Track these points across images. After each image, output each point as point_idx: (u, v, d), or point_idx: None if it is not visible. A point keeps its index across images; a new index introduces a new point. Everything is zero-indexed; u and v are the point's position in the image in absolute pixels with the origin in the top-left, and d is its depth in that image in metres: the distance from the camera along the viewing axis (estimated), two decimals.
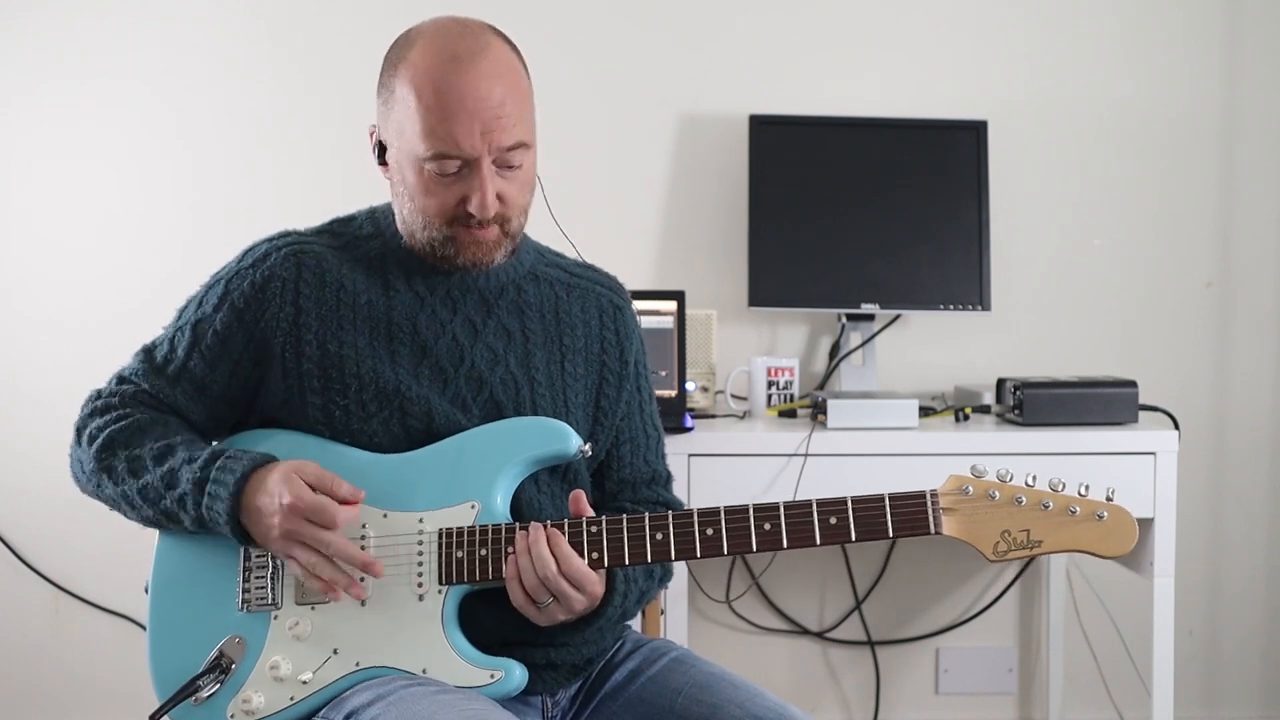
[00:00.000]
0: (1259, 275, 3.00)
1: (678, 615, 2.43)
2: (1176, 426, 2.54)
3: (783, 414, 2.68)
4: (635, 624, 2.29)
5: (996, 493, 1.44)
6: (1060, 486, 1.45)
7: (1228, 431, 3.01)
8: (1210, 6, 2.97)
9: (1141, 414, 2.54)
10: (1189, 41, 2.97)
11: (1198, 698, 3.03)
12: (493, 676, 1.48)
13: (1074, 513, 1.43)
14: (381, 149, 1.59)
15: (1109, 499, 1.45)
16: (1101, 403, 2.50)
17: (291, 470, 1.47)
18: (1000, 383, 2.65)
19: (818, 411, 2.56)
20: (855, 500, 1.46)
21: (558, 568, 1.45)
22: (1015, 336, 2.96)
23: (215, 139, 2.92)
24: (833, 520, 1.46)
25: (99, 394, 1.62)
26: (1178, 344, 2.99)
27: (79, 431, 1.59)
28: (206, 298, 1.60)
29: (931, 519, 1.45)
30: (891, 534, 1.45)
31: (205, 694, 1.49)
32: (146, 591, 1.58)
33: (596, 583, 1.48)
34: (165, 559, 1.58)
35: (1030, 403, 2.49)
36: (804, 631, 3.01)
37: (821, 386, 2.92)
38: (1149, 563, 2.41)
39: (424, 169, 1.52)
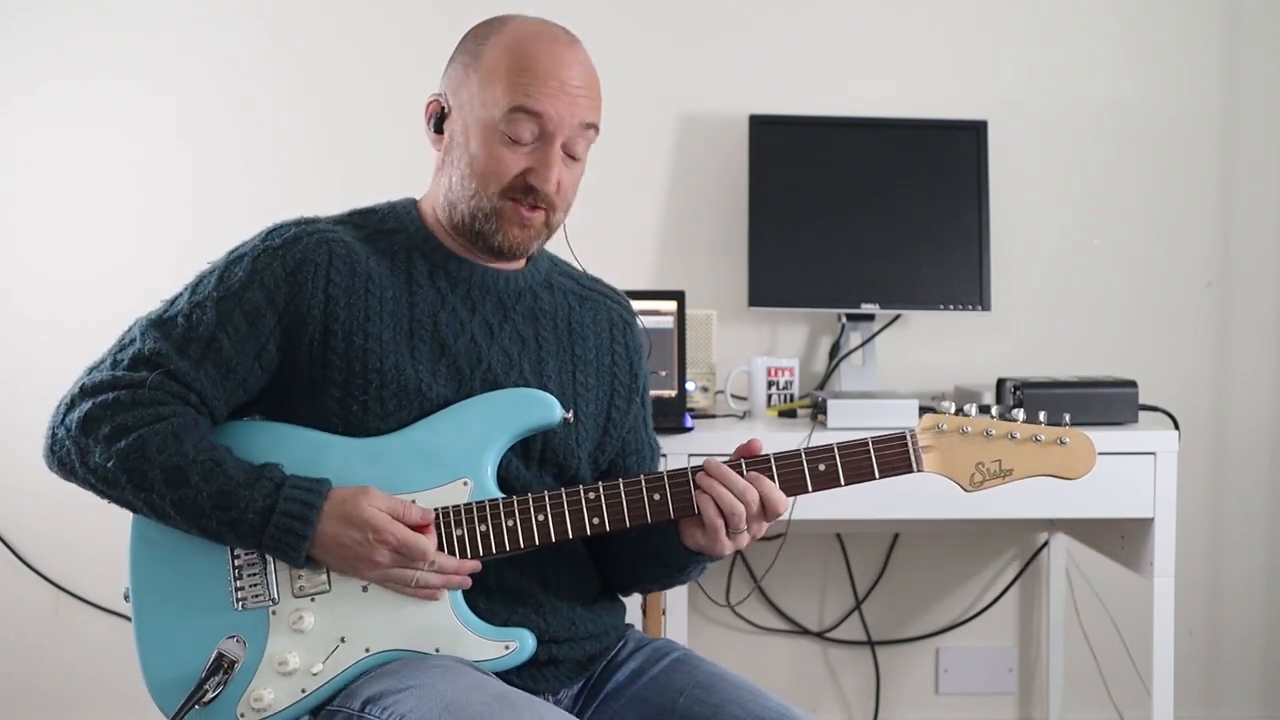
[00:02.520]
0: (1259, 275, 3.00)
1: (679, 615, 2.43)
2: (1176, 426, 2.54)
3: (783, 414, 2.68)
4: (637, 624, 2.29)
5: (968, 428, 1.53)
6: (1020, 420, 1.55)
7: (1228, 431, 3.01)
8: (1210, 6, 2.97)
9: (1141, 414, 2.54)
10: (1189, 41, 2.97)
11: (1198, 698, 3.03)
12: (507, 648, 1.49)
13: (1039, 440, 1.52)
14: (440, 118, 1.58)
15: (1068, 425, 1.54)
16: (1101, 403, 2.50)
17: (366, 502, 1.45)
18: (1000, 383, 2.64)
19: (818, 411, 2.55)
20: (841, 446, 1.52)
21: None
22: (1015, 336, 2.96)
23: (215, 139, 2.92)
24: (821, 467, 1.51)
25: (115, 380, 1.48)
26: (1178, 344, 2.99)
27: (89, 420, 1.46)
28: (229, 274, 1.52)
29: (913, 458, 1.51)
30: (878, 475, 1.51)
31: (209, 697, 1.46)
32: (126, 599, 1.53)
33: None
34: (143, 565, 1.52)
35: (1030, 403, 2.49)
36: (804, 631, 3.01)
37: (821, 386, 2.92)
38: (1149, 563, 2.41)
39: (496, 131, 1.52)
